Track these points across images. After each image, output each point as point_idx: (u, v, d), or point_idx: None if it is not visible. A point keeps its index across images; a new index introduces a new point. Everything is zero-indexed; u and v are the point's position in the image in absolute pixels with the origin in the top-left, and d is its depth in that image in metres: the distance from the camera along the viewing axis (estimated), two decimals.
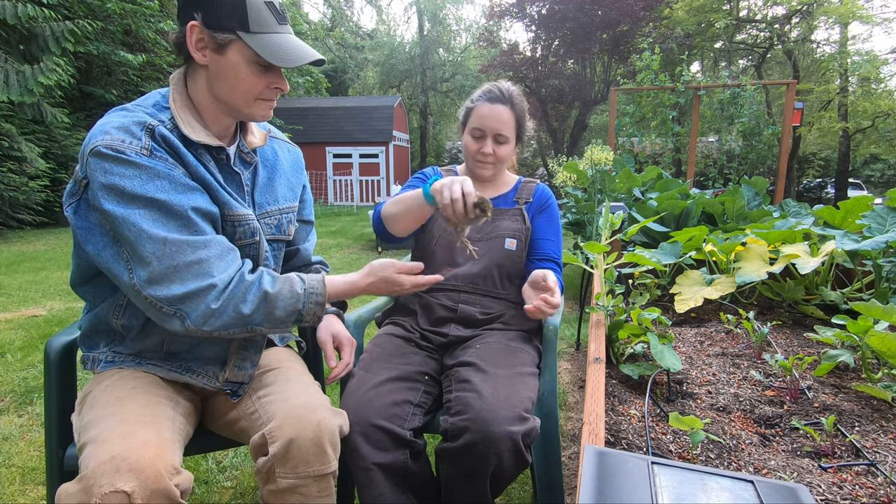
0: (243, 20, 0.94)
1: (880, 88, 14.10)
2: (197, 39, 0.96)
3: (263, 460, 0.97)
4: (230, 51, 0.96)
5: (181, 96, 1.02)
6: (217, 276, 0.94)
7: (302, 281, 1.03)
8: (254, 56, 0.96)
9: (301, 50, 0.99)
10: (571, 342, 3.12)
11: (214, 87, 1.00)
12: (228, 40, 0.95)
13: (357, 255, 6.57)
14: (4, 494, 1.64)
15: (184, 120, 0.99)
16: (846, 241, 1.73)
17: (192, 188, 0.96)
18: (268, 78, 1.00)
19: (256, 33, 0.95)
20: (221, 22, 0.94)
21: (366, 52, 27.10)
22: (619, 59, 16.08)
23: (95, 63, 10.03)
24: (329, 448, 0.99)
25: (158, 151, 0.93)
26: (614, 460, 0.74)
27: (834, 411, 1.18)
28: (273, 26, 0.97)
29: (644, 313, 1.42)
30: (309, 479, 0.97)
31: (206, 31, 0.95)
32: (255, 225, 1.07)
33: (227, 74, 0.98)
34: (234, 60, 0.97)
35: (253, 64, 0.97)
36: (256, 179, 1.14)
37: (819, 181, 20.56)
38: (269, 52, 0.96)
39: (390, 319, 1.46)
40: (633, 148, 6.53)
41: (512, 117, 1.40)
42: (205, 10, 0.94)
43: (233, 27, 0.94)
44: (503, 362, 1.22)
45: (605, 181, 3.86)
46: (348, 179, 15.46)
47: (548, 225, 1.49)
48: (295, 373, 1.15)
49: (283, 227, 1.18)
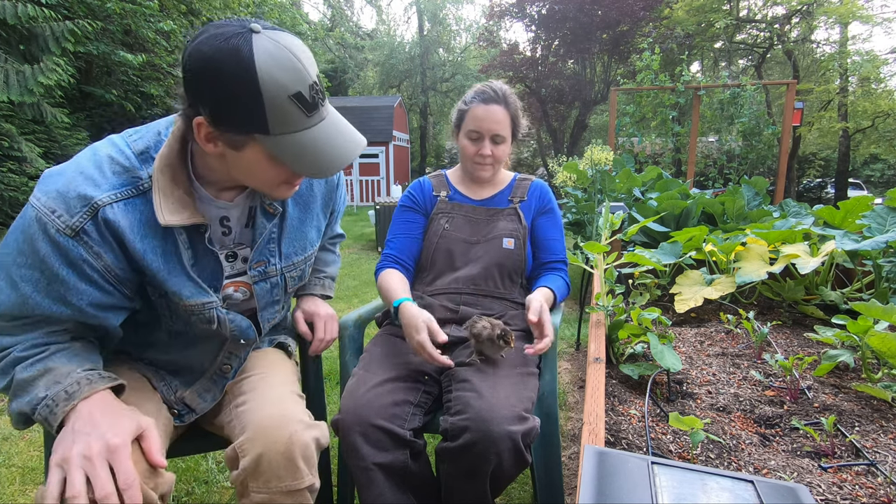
0: (261, 123, 0.76)
1: (880, 88, 14.09)
2: (206, 134, 0.80)
3: (236, 473, 0.94)
4: (247, 149, 0.81)
5: (170, 166, 0.85)
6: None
7: (51, 387, 0.81)
8: (276, 154, 0.80)
9: (339, 149, 0.82)
10: (571, 342, 3.12)
11: (229, 168, 0.86)
12: (244, 141, 0.80)
13: (357, 255, 6.57)
14: (4, 494, 1.64)
15: (162, 198, 0.84)
16: (846, 241, 1.73)
17: (82, 291, 0.82)
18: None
19: (279, 135, 0.78)
20: (234, 125, 0.78)
21: (366, 52, 27.10)
22: (619, 59, 16.09)
23: (95, 63, 10.02)
24: (301, 462, 0.93)
25: (87, 235, 0.80)
26: (614, 460, 0.74)
27: (834, 411, 1.18)
28: (301, 123, 0.78)
29: (644, 313, 1.42)
30: (281, 495, 0.93)
31: (216, 129, 0.79)
32: (212, 314, 0.96)
33: (244, 166, 0.84)
34: (252, 157, 0.81)
35: (274, 159, 0.81)
36: (285, 226, 1.04)
37: (819, 181, 20.56)
38: (294, 159, 0.80)
39: (390, 320, 1.46)
40: (633, 148, 6.53)
41: (507, 116, 1.40)
42: (212, 108, 0.76)
43: (249, 130, 0.78)
44: (503, 362, 1.22)
45: (605, 181, 3.86)
46: (348, 179, 15.48)
47: (552, 225, 1.50)
48: (273, 381, 1.09)
49: (304, 274, 1.14)
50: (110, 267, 0.84)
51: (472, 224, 1.46)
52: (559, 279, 1.45)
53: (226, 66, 0.73)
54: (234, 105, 0.75)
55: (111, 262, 0.84)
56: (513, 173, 1.58)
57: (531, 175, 1.59)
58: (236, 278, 1.02)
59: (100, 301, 0.85)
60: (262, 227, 1.00)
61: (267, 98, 0.74)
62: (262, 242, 1.02)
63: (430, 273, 1.45)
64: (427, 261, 1.46)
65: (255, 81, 0.73)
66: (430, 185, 1.55)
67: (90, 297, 0.84)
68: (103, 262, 0.83)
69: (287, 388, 1.10)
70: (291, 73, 0.75)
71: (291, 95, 0.76)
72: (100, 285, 0.84)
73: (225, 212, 0.97)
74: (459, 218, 1.47)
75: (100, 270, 0.83)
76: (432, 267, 1.45)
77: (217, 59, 0.73)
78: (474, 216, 1.47)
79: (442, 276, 1.43)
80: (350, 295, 4.44)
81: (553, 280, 1.43)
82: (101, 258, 0.83)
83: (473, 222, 1.46)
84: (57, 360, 0.83)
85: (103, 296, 0.85)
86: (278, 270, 1.06)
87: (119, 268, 0.85)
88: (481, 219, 1.47)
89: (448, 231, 1.45)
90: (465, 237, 1.44)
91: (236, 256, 1.01)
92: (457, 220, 1.47)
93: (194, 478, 1.72)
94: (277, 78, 0.74)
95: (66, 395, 0.79)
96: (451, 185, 1.54)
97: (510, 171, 1.59)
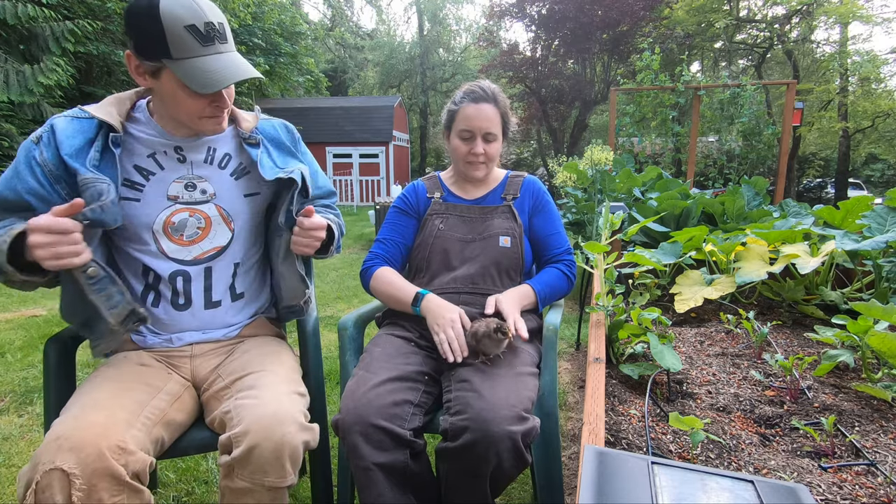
0: (164, 47, 0.99)
1: (880, 88, 14.09)
2: (135, 66, 1.04)
3: (226, 458, 1.01)
4: (163, 77, 1.03)
5: (118, 99, 1.13)
6: None
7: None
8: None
9: (226, 70, 1.03)
10: (571, 342, 3.12)
11: (163, 105, 1.10)
12: (158, 67, 1.02)
13: (357, 255, 6.57)
14: (4, 494, 1.64)
15: (103, 104, 1.11)
16: (846, 241, 1.73)
17: (26, 180, 1.05)
18: (206, 98, 1.05)
19: (180, 59, 1.00)
20: (147, 50, 1.00)
21: (366, 52, 27.12)
22: (619, 59, 16.09)
23: (95, 63, 10.03)
24: (288, 463, 1.01)
25: (42, 140, 1.06)
26: (614, 460, 0.74)
27: (834, 411, 1.18)
28: (196, 49, 1.00)
29: (644, 313, 1.42)
30: (263, 489, 1.01)
31: (139, 58, 1.02)
32: (102, 187, 1.06)
33: (167, 97, 1.06)
34: (168, 85, 1.03)
35: (185, 87, 1.02)
36: (272, 153, 1.27)
37: (819, 181, 20.55)
38: (190, 77, 1.01)
39: (390, 319, 1.46)
40: (633, 148, 6.53)
41: (497, 114, 1.41)
42: (134, 40, 1.01)
43: (157, 55, 1.00)
44: (503, 362, 1.22)
45: (605, 181, 3.86)
46: (348, 179, 15.48)
47: (548, 222, 1.50)
48: (274, 378, 1.14)
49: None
50: (47, 162, 1.05)
51: (467, 223, 1.46)
52: (553, 271, 1.45)
53: (139, 5, 0.99)
54: (144, 34, 0.99)
55: (48, 158, 1.05)
56: (505, 171, 1.58)
57: (523, 172, 1.59)
58: (194, 206, 1.20)
59: (35, 191, 1.05)
60: (256, 154, 1.22)
61: (167, 25, 0.97)
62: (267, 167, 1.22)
63: (426, 274, 1.45)
64: (423, 261, 1.45)
65: (157, 13, 0.97)
66: (423, 187, 1.55)
67: (27, 185, 1.04)
68: (44, 157, 1.05)
69: (287, 386, 1.13)
70: (187, 9, 0.99)
71: (186, 26, 0.98)
72: (38, 179, 1.05)
73: (176, 143, 1.17)
74: (454, 217, 1.47)
75: (41, 165, 1.05)
76: (428, 268, 1.45)
77: (134, 3, 1.00)
78: (469, 215, 1.47)
79: (439, 276, 1.43)
80: (350, 295, 4.44)
81: (543, 275, 1.44)
82: (42, 154, 1.05)
83: (468, 221, 1.47)
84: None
85: (39, 187, 1.05)
86: (103, 181, 1.17)
87: (54, 164, 1.05)
88: (476, 217, 1.47)
89: (443, 231, 1.45)
90: (460, 236, 1.44)
91: (195, 187, 1.20)
92: (451, 219, 1.47)
93: (194, 478, 1.72)
94: (174, 11, 0.98)
95: None
96: (444, 186, 1.55)
97: (502, 170, 1.59)
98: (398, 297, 1.37)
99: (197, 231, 1.20)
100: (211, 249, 1.22)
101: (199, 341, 1.24)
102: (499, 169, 1.58)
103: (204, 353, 1.24)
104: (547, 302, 1.43)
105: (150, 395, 1.07)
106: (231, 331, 1.28)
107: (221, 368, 1.20)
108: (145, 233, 1.16)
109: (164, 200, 1.16)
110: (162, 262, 1.18)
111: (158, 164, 1.16)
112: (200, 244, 1.21)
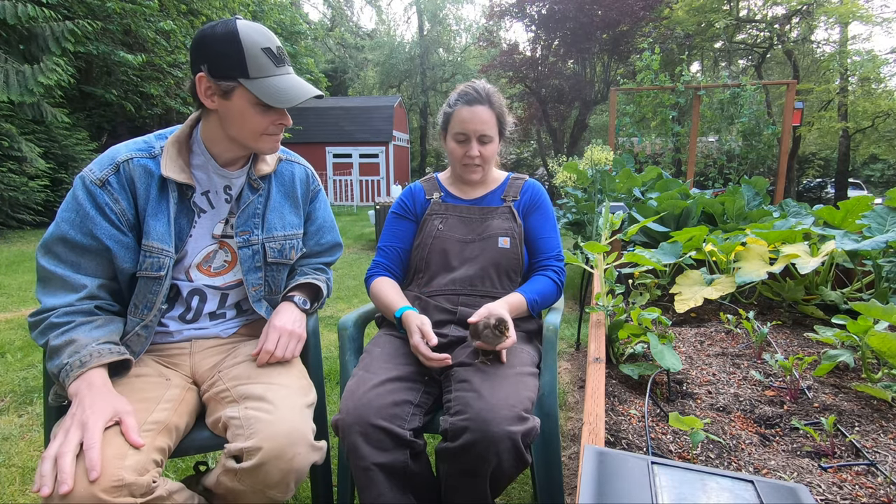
0: (243, 68, 1.06)
1: (880, 88, 14.08)
2: (205, 88, 1.09)
3: (232, 464, 1.01)
4: (235, 96, 1.08)
5: (178, 141, 1.16)
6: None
7: (72, 356, 1.01)
8: (255, 99, 1.08)
9: (298, 89, 1.11)
10: (571, 342, 3.12)
11: (225, 126, 1.13)
12: (232, 87, 1.07)
13: (357, 255, 6.57)
14: (4, 494, 1.64)
15: (168, 160, 1.13)
16: (846, 241, 1.73)
17: (104, 226, 1.08)
18: (271, 116, 1.12)
19: (256, 78, 1.07)
20: (224, 71, 1.06)
21: (366, 52, 27.12)
22: (619, 59, 16.09)
23: (95, 63, 10.02)
24: (293, 483, 1.04)
25: (110, 185, 1.09)
26: (614, 460, 0.74)
27: (834, 411, 1.18)
28: (271, 70, 1.08)
29: (644, 313, 1.42)
30: (263, 496, 1.03)
31: (212, 80, 1.07)
32: (164, 261, 1.13)
33: (234, 116, 1.11)
34: (239, 104, 1.09)
35: (256, 105, 1.09)
36: (269, 203, 1.28)
37: (819, 181, 20.55)
38: (267, 94, 1.08)
39: (394, 327, 1.46)
40: (633, 148, 6.53)
41: (493, 116, 1.40)
42: (210, 63, 1.07)
43: (234, 75, 1.06)
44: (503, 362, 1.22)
45: (605, 181, 3.86)
46: (348, 179, 15.46)
47: (544, 222, 1.49)
48: (287, 391, 1.12)
49: (285, 252, 1.30)
50: (124, 211, 1.10)
51: (466, 223, 1.46)
52: (542, 279, 1.43)
53: (217, 30, 1.06)
54: (222, 56, 1.06)
55: (125, 207, 1.10)
56: (506, 173, 1.57)
57: (525, 175, 1.59)
58: (225, 239, 1.24)
59: (116, 237, 1.09)
60: (247, 199, 1.24)
61: (246, 48, 1.05)
62: (248, 214, 1.24)
63: (425, 274, 1.45)
64: (422, 262, 1.45)
65: (237, 36, 1.05)
66: (421, 189, 1.55)
67: (109, 231, 1.08)
68: (120, 206, 1.10)
69: (300, 398, 1.12)
70: (262, 34, 1.08)
71: (263, 48, 1.07)
72: (116, 224, 1.10)
73: (227, 181, 1.22)
74: (453, 218, 1.47)
75: (117, 213, 1.10)
76: (427, 268, 1.44)
77: (211, 27, 1.07)
78: (468, 215, 1.47)
79: (438, 277, 1.43)
80: (350, 295, 4.44)
81: (533, 283, 1.41)
82: (118, 203, 1.10)
83: (467, 221, 1.46)
84: (80, 332, 1.04)
85: (118, 233, 1.10)
86: (259, 240, 1.26)
87: (130, 213, 1.11)
88: (475, 218, 1.47)
89: (442, 231, 1.44)
90: (459, 236, 1.44)
91: (227, 222, 1.24)
92: (450, 220, 1.46)
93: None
94: (252, 35, 1.06)
95: (80, 363, 1.00)
96: (442, 187, 1.54)
97: (503, 171, 1.58)
98: (385, 311, 1.40)
99: (224, 264, 1.25)
100: (233, 281, 1.26)
101: (196, 337, 1.26)
102: (499, 170, 1.57)
103: (202, 349, 1.25)
104: (537, 311, 1.42)
105: (146, 413, 1.03)
106: (228, 328, 1.30)
107: (222, 369, 1.20)
108: (179, 264, 1.19)
109: (209, 239, 1.22)
110: (185, 284, 1.21)
111: (210, 203, 1.21)
112: (224, 276, 1.25)
